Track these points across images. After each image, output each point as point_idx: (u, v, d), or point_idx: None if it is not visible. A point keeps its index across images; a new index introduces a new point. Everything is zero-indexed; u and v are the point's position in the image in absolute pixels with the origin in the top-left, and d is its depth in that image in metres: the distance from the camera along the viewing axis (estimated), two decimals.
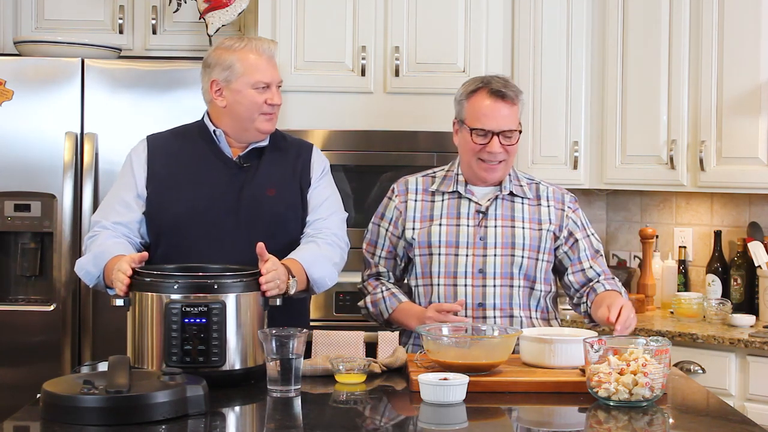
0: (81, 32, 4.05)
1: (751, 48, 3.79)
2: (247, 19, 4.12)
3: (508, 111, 2.77)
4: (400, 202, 2.91)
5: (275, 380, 2.30)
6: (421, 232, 2.85)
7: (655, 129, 4.04)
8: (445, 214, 2.85)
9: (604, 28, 4.17)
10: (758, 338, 3.51)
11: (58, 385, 2.10)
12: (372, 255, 2.96)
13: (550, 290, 2.90)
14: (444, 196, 2.88)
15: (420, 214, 2.88)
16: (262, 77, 2.71)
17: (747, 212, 4.16)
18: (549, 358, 2.47)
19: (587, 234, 2.91)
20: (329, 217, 2.79)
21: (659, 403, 2.26)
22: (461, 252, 2.81)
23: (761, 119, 3.77)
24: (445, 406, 2.22)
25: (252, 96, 2.71)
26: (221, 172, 2.73)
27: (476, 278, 2.79)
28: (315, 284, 2.67)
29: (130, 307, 2.40)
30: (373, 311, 2.93)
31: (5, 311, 3.70)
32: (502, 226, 2.82)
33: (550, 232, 2.85)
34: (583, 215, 2.95)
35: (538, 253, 2.82)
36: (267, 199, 2.72)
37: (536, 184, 2.92)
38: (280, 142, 2.85)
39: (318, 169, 2.84)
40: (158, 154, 2.76)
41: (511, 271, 2.80)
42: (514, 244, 2.80)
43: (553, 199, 2.89)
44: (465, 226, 2.82)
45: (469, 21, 3.87)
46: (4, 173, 3.70)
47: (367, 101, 3.86)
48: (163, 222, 2.71)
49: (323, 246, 2.72)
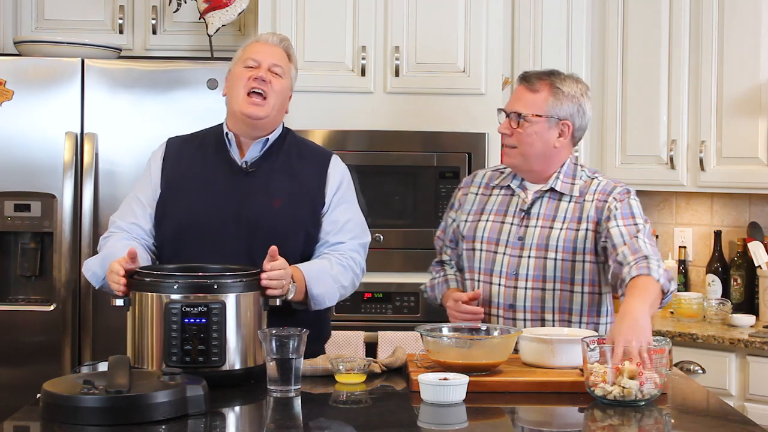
0: (81, 32, 4.05)
1: (751, 48, 3.79)
2: (247, 19, 4.12)
3: (525, 96, 2.76)
4: (462, 194, 2.92)
5: (275, 380, 2.29)
6: (471, 226, 2.84)
7: (655, 129, 4.04)
8: (495, 210, 2.83)
9: (604, 28, 4.17)
10: (758, 338, 3.51)
11: (58, 385, 2.10)
12: (441, 242, 2.99)
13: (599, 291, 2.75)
14: (500, 191, 2.85)
15: (474, 207, 2.87)
16: (252, 55, 2.69)
17: (747, 212, 4.16)
18: (549, 358, 2.47)
19: (628, 223, 2.68)
20: (350, 240, 2.72)
21: (659, 403, 2.26)
22: (500, 250, 2.78)
23: (761, 119, 3.77)
24: (445, 406, 2.22)
25: (240, 72, 2.69)
26: (226, 177, 2.69)
27: (509, 278, 2.75)
28: (313, 300, 2.61)
29: (130, 307, 2.40)
30: (431, 295, 2.99)
31: (5, 311, 3.70)
32: (541, 227, 2.75)
33: (590, 231, 2.72)
34: (631, 205, 2.73)
35: (574, 254, 2.72)
36: (271, 211, 2.66)
37: (591, 179, 2.80)
38: (295, 147, 2.78)
39: (334, 185, 2.75)
40: (172, 158, 2.75)
41: (544, 274, 2.73)
42: (548, 246, 2.73)
43: (599, 192, 2.75)
44: (509, 224, 2.79)
45: (469, 21, 3.87)
46: (4, 173, 3.70)
47: (367, 101, 3.86)
48: (165, 228, 2.69)
49: (335, 265, 2.66)
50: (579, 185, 2.78)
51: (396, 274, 3.81)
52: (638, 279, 2.50)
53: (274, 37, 2.77)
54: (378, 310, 3.80)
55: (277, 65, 2.70)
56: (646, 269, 2.52)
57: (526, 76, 2.79)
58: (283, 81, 2.72)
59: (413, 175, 3.84)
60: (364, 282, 3.78)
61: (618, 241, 2.64)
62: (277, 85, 2.69)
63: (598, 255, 2.73)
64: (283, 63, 2.72)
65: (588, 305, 2.75)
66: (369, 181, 3.85)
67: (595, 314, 2.76)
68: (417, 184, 3.85)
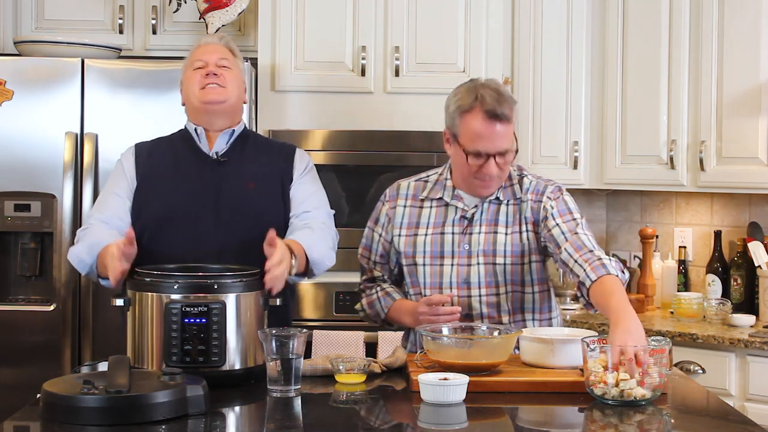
0: (81, 32, 4.05)
1: (751, 48, 3.79)
2: (247, 19, 4.12)
3: (503, 130, 2.62)
4: (389, 207, 2.85)
5: (275, 380, 2.30)
6: (407, 241, 2.80)
7: (655, 129, 4.04)
8: (432, 223, 2.79)
9: (604, 28, 4.17)
10: (758, 338, 3.51)
11: (58, 385, 2.10)
12: (367, 260, 2.91)
13: (548, 287, 2.82)
14: (432, 203, 2.81)
15: (407, 221, 2.82)
16: (197, 57, 2.81)
17: (747, 212, 4.16)
18: (549, 358, 2.47)
19: (566, 219, 2.71)
20: (315, 209, 2.80)
21: (659, 403, 2.26)
22: (446, 262, 2.75)
23: (761, 119, 3.77)
24: (445, 406, 2.22)
25: (191, 76, 2.80)
26: (200, 168, 2.77)
27: (461, 289, 2.74)
28: (314, 265, 2.67)
29: (130, 307, 2.40)
30: (370, 312, 2.88)
31: (5, 311, 3.70)
32: (486, 233, 2.74)
33: (530, 232, 2.74)
34: (566, 202, 2.76)
35: (522, 257, 2.74)
36: (246, 192, 2.75)
37: (520, 177, 2.79)
38: (262, 142, 2.93)
39: (300, 167, 2.85)
40: (144, 156, 2.82)
41: (495, 279, 2.73)
42: (496, 252, 2.73)
43: (533, 192, 2.76)
44: (450, 234, 2.76)
45: (469, 21, 3.87)
46: (4, 173, 3.70)
47: (367, 101, 3.86)
48: (144, 218, 2.72)
49: (316, 230, 2.73)
50: (512, 187, 2.77)
51: None
52: (603, 281, 2.51)
53: (214, 37, 2.92)
54: None
55: (223, 59, 2.82)
56: (602, 268, 2.54)
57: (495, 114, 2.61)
58: (234, 71, 2.82)
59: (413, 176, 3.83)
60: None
61: (560, 240, 2.67)
62: (230, 75, 2.81)
63: (540, 253, 2.77)
64: (229, 56, 2.84)
65: (540, 302, 2.80)
66: (369, 181, 3.85)
67: (548, 310, 2.82)
68: None
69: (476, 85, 2.68)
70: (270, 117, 3.87)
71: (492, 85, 2.68)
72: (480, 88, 2.66)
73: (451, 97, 2.71)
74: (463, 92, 2.69)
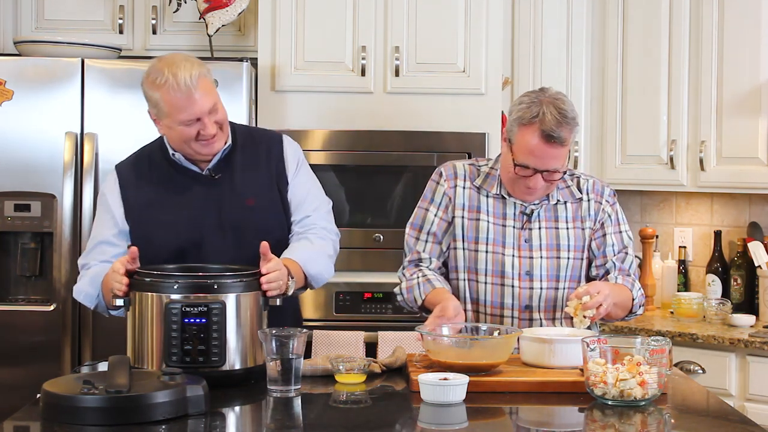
0: (81, 32, 4.05)
1: (751, 48, 3.79)
2: (247, 19, 4.12)
3: (557, 152, 2.61)
4: (449, 187, 2.81)
5: (275, 380, 2.30)
6: (469, 225, 2.78)
7: (655, 129, 4.04)
8: (492, 212, 2.77)
9: (604, 28, 4.17)
10: (758, 338, 3.51)
11: (58, 385, 2.10)
12: (416, 240, 2.83)
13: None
14: (489, 194, 2.79)
15: (468, 203, 2.79)
16: (187, 116, 2.57)
17: (747, 212, 4.16)
18: (549, 358, 2.47)
19: (619, 230, 2.82)
20: (314, 211, 2.77)
21: (659, 403, 2.26)
22: (507, 252, 2.75)
23: (761, 119, 3.77)
24: (445, 406, 2.22)
25: (182, 131, 2.60)
26: (195, 189, 2.69)
27: (523, 280, 2.74)
28: (313, 280, 2.68)
29: (130, 307, 2.40)
30: (407, 297, 2.78)
31: (5, 311, 3.70)
32: (547, 228, 2.76)
33: (590, 229, 2.79)
34: (620, 210, 2.86)
35: (583, 253, 2.78)
36: (248, 210, 2.69)
37: (577, 178, 2.83)
38: (247, 140, 2.77)
39: (293, 163, 2.78)
40: (129, 183, 2.71)
41: (557, 273, 2.75)
42: (560, 246, 2.75)
43: (593, 192, 2.81)
44: (511, 227, 2.76)
45: (469, 21, 3.87)
46: (4, 173, 3.69)
47: (367, 101, 3.86)
48: (150, 253, 2.60)
49: (315, 241, 2.71)
50: (569, 188, 2.81)
51: (396, 274, 3.79)
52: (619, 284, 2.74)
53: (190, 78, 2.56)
54: (378, 310, 3.80)
55: (210, 108, 2.60)
56: (630, 284, 2.76)
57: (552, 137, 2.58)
58: (220, 111, 2.63)
59: (413, 175, 3.84)
60: (365, 282, 3.81)
61: (609, 252, 2.80)
62: (220, 119, 2.63)
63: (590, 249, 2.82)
64: (211, 98, 2.60)
65: None
66: (368, 181, 3.85)
67: None
68: (417, 185, 3.84)
69: (541, 99, 2.62)
70: (270, 117, 3.86)
71: (557, 104, 2.61)
72: (544, 103, 2.60)
73: (516, 104, 2.67)
74: (526, 103, 2.63)
